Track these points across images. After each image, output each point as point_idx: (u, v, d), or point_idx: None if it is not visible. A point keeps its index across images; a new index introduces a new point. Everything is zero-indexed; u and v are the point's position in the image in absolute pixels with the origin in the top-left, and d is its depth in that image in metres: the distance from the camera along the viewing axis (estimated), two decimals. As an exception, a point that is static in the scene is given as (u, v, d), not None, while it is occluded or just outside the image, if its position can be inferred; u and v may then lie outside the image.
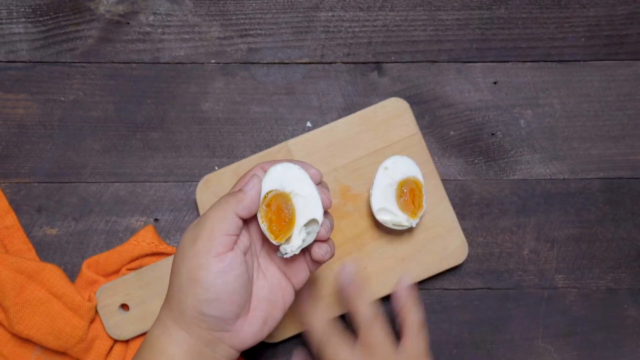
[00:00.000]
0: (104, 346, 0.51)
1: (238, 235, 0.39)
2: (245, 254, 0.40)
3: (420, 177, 0.52)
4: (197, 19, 0.58)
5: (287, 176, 0.41)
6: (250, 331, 0.40)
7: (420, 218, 0.52)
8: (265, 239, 0.43)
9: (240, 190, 0.40)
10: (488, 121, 0.57)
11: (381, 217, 0.51)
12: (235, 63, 0.58)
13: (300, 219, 0.40)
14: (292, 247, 0.40)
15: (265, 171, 0.41)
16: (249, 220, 0.41)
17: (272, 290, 0.42)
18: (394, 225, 0.51)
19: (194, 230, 0.39)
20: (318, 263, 0.43)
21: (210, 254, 0.38)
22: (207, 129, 0.57)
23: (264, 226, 0.40)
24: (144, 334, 0.52)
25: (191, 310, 0.38)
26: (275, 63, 0.58)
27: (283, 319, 0.51)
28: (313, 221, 0.41)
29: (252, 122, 0.57)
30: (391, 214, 0.51)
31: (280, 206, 0.40)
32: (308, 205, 0.41)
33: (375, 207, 0.51)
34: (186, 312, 0.38)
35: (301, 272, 0.43)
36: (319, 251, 0.41)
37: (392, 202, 0.51)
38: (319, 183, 0.42)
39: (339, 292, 0.49)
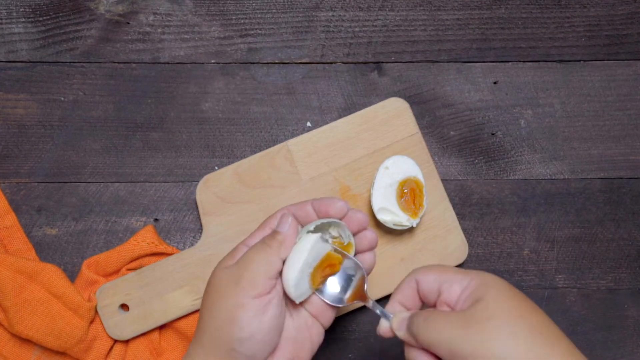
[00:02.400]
0: (104, 346, 0.51)
1: (277, 279, 0.40)
2: (283, 295, 0.41)
3: (420, 177, 0.52)
4: (197, 19, 0.58)
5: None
6: None
7: (421, 218, 0.52)
8: None
9: (277, 232, 0.41)
10: (488, 121, 0.57)
11: (382, 217, 0.51)
12: (235, 63, 0.58)
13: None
14: (301, 295, 0.41)
15: (291, 214, 0.42)
16: None
17: (299, 330, 0.42)
18: (394, 225, 0.51)
19: (234, 270, 0.40)
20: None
21: (251, 296, 0.38)
22: (207, 129, 0.57)
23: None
24: (143, 333, 0.52)
25: (222, 346, 0.38)
26: (275, 63, 0.58)
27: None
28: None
29: (252, 122, 0.57)
30: (392, 213, 0.51)
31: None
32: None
33: (375, 207, 0.51)
34: (216, 346, 0.39)
35: (328, 312, 0.43)
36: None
37: (392, 202, 0.51)
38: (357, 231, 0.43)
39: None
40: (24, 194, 0.56)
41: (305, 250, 0.40)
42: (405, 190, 0.51)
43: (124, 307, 0.52)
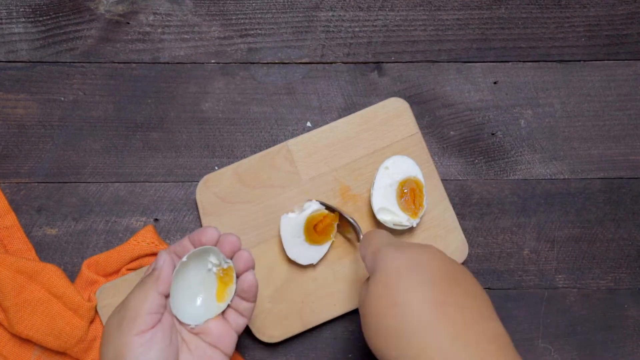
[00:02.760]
0: (104, 346, 0.51)
1: (162, 313, 0.41)
2: (169, 329, 0.41)
3: (421, 177, 0.52)
4: (197, 19, 0.58)
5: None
6: None
7: (421, 218, 0.52)
8: None
9: (153, 269, 0.42)
10: (488, 121, 0.57)
11: (382, 217, 0.51)
12: (235, 63, 0.58)
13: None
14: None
15: (169, 252, 0.44)
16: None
17: (201, 357, 0.42)
18: (394, 225, 0.51)
19: (118, 312, 0.41)
20: (246, 303, 0.44)
21: (134, 333, 0.39)
22: (207, 129, 0.57)
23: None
24: (143, 334, 0.52)
25: None
26: (275, 63, 0.58)
27: (284, 318, 0.51)
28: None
29: (252, 122, 0.57)
30: (392, 213, 0.51)
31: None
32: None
33: (375, 207, 0.51)
34: None
35: (226, 337, 0.43)
36: (246, 280, 0.44)
37: (392, 202, 0.51)
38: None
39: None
40: (24, 194, 0.56)
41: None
42: (405, 190, 0.51)
43: (124, 307, 0.52)
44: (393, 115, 0.55)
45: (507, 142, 0.57)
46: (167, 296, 0.42)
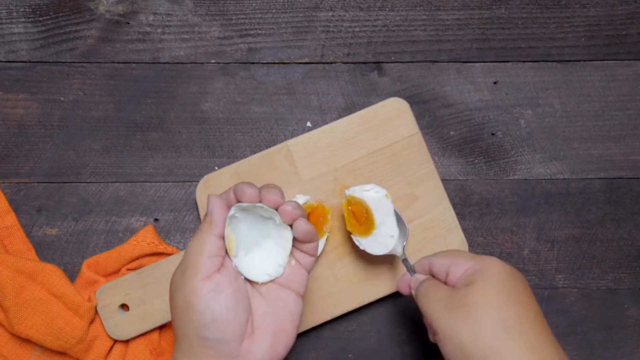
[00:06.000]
0: (104, 346, 0.51)
1: (223, 257, 0.40)
2: (235, 274, 0.40)
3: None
4: (197, 19, 0.58)
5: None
6: (260, 351, 0.40)
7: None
8: None
9: (206, 214, 0.41)
10: (488, 121, 0.57)
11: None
12: (235, 63, 0.58)
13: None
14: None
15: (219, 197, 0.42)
16: None
17: (273, 305, 0.41)
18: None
19: (181, 264, 0.40)
20: (308, 244, 0.42)
21: (198, 278, 0.38)
22: (207, 129, 0.57)
23: None
24: (143, 334, 0.52)
25: (193, 338, 0.38)
26: (275, 63, 0.58)
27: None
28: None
29: (252, 122, 0.57)
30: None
31: None
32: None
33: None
34: (190, 342, 0.39)
35: (297, 277, 0.42)
36: (299, 230, 0.41)
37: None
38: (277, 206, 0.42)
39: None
40: (24, 194, 0.56)
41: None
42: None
43: (124, 307, 0.52)
44: (393, 115, 0.55)
45: (507, 142, 0.57)
46: (223, 239, 0.41)
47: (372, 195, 0.50)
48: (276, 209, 0.41)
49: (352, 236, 0.50)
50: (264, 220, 0.42)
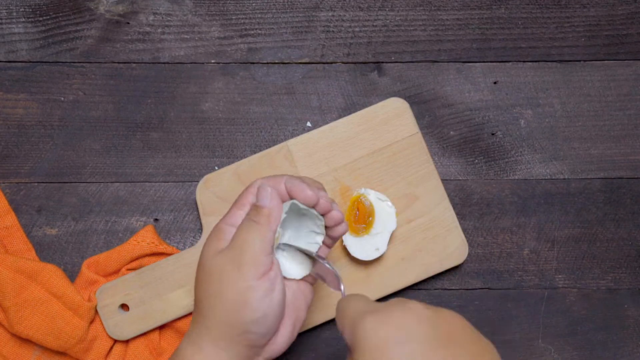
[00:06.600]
0: (104, 346, 0.51)
1: (273, 253, 0.41)
2: (280, 268, 0.42)
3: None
4: (197, 19, 0.58)
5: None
6: (283, 337, 0.42)
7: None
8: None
9: (260, 206, 0.40)
10: (488, 121, 0.57)
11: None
12: (235, 63, 0.58)
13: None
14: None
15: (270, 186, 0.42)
16: None
17: (294, 295, 0.43)
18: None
19: (231, 254, 0.40)
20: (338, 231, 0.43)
21: (256, 277, 0.39)
22: (207, 129, 0.57)
23: None
24: (143, 334, 0.52)
25: (236, 330, 0.39)
26: (275, 63, 0.58)
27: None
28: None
29: (252, 122, 0.57)
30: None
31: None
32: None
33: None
34: (229, 332, 0.39)
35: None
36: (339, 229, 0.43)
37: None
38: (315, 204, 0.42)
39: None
40: (24, 194, 0.56)
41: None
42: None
43: (124, 307, 0.52)
44: (393, 115, 0.55)
45: (507, 142, 0.57)
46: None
47: (384, 207, 0.51)
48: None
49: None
50: (300, 216, 0.43)
